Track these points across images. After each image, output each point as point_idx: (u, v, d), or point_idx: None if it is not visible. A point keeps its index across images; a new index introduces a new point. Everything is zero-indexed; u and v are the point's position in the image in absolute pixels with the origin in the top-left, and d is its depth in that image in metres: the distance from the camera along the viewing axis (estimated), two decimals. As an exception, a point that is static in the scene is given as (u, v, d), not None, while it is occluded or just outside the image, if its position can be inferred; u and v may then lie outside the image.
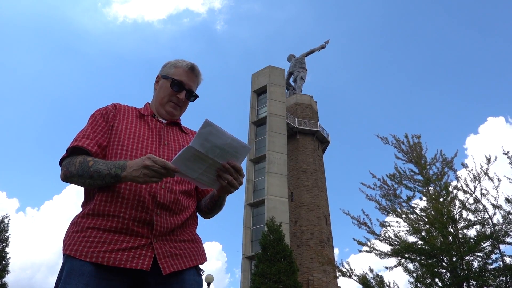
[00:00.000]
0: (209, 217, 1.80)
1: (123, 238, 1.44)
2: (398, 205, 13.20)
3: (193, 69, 1.78)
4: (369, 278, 12.64)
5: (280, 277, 17.20)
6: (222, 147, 1.38)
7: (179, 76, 1.75)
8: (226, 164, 1.41)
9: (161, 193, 1.52)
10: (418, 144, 14.20)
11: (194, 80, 1.79)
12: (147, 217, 1.47)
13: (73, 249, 1.43)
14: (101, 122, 1.64)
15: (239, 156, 1.44)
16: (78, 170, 1.46)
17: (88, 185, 1.48)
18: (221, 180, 1.44)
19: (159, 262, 1.45)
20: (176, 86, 1.75)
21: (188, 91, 1.76)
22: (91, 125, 1.63)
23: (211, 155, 1.38)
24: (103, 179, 1.43)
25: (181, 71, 1.76)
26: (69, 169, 1.49)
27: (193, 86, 1.79)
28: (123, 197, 1.48)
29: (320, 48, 48.78)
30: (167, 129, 1.75)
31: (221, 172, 1.43)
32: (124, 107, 1.75)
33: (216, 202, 1.69)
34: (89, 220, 1.48)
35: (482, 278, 11.10)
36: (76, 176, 1.47)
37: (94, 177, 1.44)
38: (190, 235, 1.62)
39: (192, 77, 1.78)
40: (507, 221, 11.39)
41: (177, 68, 1.77)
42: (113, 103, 1.75)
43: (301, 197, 34.97)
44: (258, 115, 37.01)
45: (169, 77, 1.76)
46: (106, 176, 1.43)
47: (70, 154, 1.55)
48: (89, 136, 1.58)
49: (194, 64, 1.79)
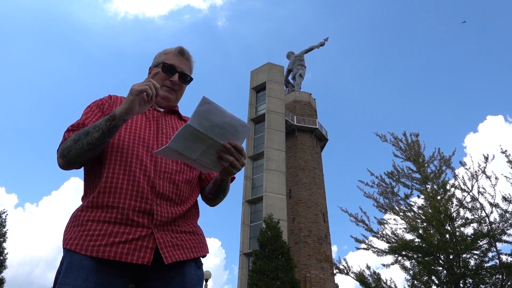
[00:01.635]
0: (214, 203, 1.76)
1: (123, 229, 1.42)
2: (395, 203, 13.24)
3: (183, 52, 1.77)
4: (366, 276, 12.69)
5: (277, 274, 17.24)
6: (222, 125, 1.33)
7: (169, 61, 1.74)
8: (227, 144, 1.37)
9: (160, 183, 1.51)
10: (416, 142, 14.21)
11: (185, 63, 1.77)
12: (147, 207, 1.46)
13: (73, 244, 1.41)
14: (97, 112, 1.62)
15: (239, 135, 1.38)
16: (73, 139, 1.45)
17: (87, 145, 1.43)
18: (223, 161, 1.40)
19: (161, 251, 1.43)
20: (168, 69, 1.72)
21: (181, 73, 1.74)
22: (86, 115, 1.60)
23: (210, 134, 1.33)
24: (99, 128, 1.41)
25: (171, 55, 1.75)
26: (64, 146, 1.48)
27: (185, 69, 1.76)
28: (122, 188, 1.46)
29: (319, 46, 48.73)
30: (165, 117, 1.72)
31: (222, 153, 1.39)
32: (120, 98, 1.73)
33: (220, 186, 1.65)
34: (88, 212, 1.46)
35: (478, 276, 11.17)
36: (72, 147, 1.44)
37: (90, 131, 1.42)
38: (192, 227, 1.60)
39: (182, 60, 1.76)
40: (504, 219, 11.44)
41: (166, 54, 1.77)
42: (108, 95, 1.73)
43: (299, 194, 35.01)
44: (256, 112, 36.99)
45: (160, 62, 1.75)
46: (101, 123, 1.41)
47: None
48: (83, 124, 1.55)
49: (183, 47, 1.78)
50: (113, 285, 1.39)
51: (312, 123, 39.53)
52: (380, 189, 13.63)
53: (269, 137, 33.83)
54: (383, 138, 14.77)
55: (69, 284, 1.34)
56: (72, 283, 1.34)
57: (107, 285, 1.38)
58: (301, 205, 34.34)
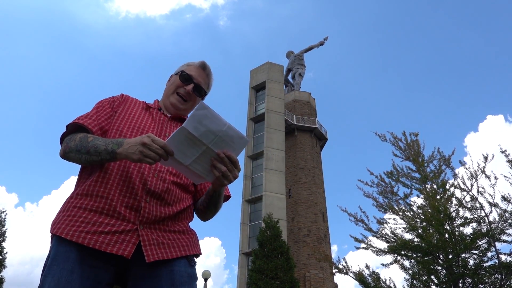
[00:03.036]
0: (205, 216, 1.71)
1: (108, 220, 1.42)
2: (395, 202, 13.26)
3: (204, 67, 1.81)
4: (366, 275, 12.70)
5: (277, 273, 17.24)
6: (217, 133, 1.32)
7: (189, 71, 1.78)
8: (221, 153, 1.35)
9: (152, 181, 1.50)
10: (415, 142, 14.23)
11: (204, 78, 1.80)
12: (134, 203, 1.45)
13: (56, 228, 1.42)
14: (107, 107, 1.67)
15: (235, 147, 1.37)
16: (77, 144, 1.46)
17: (85, 161, 1.45)
18: (215, 170, 1.38)
19: (144, 249, 1.41)
20: (185, 78, 1.76)
21: (197, 85, 1.77)
22: (96, 109, 1.65)
23: (205, 140, 1.31)
24: (99, 155, 1.41)
25: (193, 67, 1.80)
26: (69, 144, 1.49)
27: (202, 82, 1.79)
28: (114, 180, 1.47)
29: (319, 45, 48.72)
30: (171, 123, 1.74)
31: (215, 162, 1.37)
32: (132, 98, 1.77)
33: (211, 198, 1.60)
34: (77, 200, 1.47)
35: (477, 276, 11.18)
36: (74, 151, 1.46)
37: (91, 152, 1.42)
38: (182, 227, 1.58)
39: (202, 74, 1.80)
40: (503, 219, 11.46)
41: (189, 66, 1.82)
42: (121, 94, 1.78)
43: (298, 193, 35.02)
44: (256, 112, 36.96)
45: (179, 71, 1.80)
46: (103, 152, 1.41)
47: (71, 133, 1.55)
48: (92, 117, 1.59)
49: (206, 62, 1.82)
50: (98, 278, 1.39)
51: (311, 122, 39.53)
52: (380, 189, 13.67)
53: (269, 137, 33.82)
54: (383, 138, 14.79)
55: (54, 276, 1.34)
56: (57, 275, 1.33)
57: (92, 278, 1.37)
58: (300, 204, 34.34)
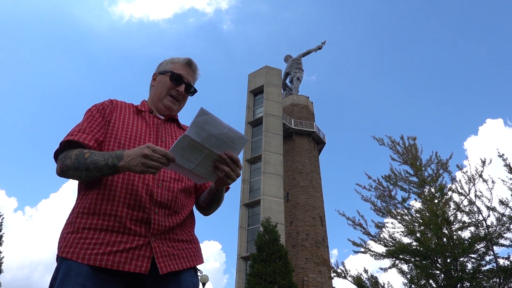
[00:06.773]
0: (208, 213, 1.77)
1: (120, 238, 1.41)
2: (393, 206, 13.27)
3: (190, 64, 1.80)
4: (364, 279, 12.69)
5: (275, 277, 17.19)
6: (218, 136, 1.35)
7: (177, 70, 1.76)
8: (223, 154, 1.39)
9: (158, 191, 1.50)
10: (413, 146, 14.26)
11: (192, 75, 1.80)
12: (144, 216, 1.45)
13: (69, 252, 1.39)
14: (98, 117, 1.61)
15: (236, 147, 1.41)
16: (74, 162, 1.43)
17: (85, 177, 1.43)
18: (218, 171, 1.42)
19: (157, 261, 1.43)
20: (175, 79, 1.75)
21: (187, 84, 1.77)
22: (87, 120, 1.59)
23: (207, 144, 1.35)
24: (100, 171, 1.39)
25: (179, 65, 1.78)
26: (65, 162, 1.45)
27: (191, 80, 1.79)
28: (120, 196, 1.45)
29: (317, 49, 48.82)
30: (165, 125, 1.74)
31: (218, 163, 1.40)
32: (121, 103, 1.73)
33: (214, 196, 1.66)
34: (84, 219, 1.44)
35: (475, 280, 11.18)
36: (72, 169, 1.43)
37: (91, 168, 1.40)
38: (189, 235, 1.61)
39: (189, 71, 1.79)
40: (501, 223, 11.48)
41: (174, 63, 1.79)
42: (109, 99, 1.73)
43: (296, 197, 34.99)
44: (254, 115, 36.99)
45: (167, 71, 1.77)
46: (103, 167, 1.38)
47: (65, 148, 1.51)
48: (85, 130, 1.54)
49: (191, 59, 1.80)
50: None
51: (309, 126, 39.54)
52: (378, 193, 13.68)
53: (267, 140, 33.82)
54: (381, 142, 14.82)
55: None
56: None
57: None
58: (298, 208, 34.30)
